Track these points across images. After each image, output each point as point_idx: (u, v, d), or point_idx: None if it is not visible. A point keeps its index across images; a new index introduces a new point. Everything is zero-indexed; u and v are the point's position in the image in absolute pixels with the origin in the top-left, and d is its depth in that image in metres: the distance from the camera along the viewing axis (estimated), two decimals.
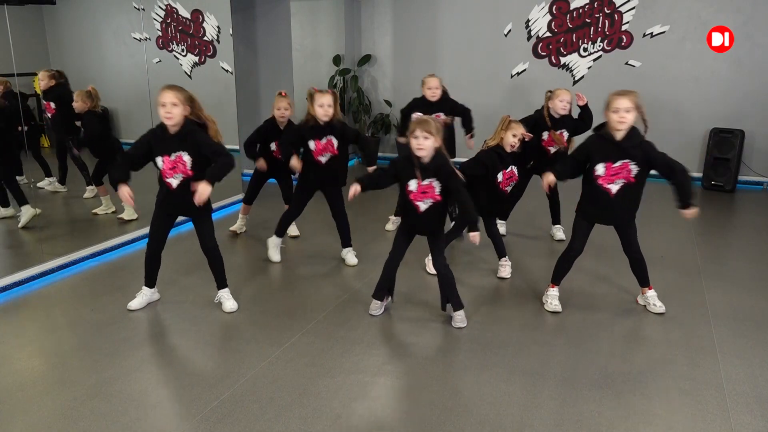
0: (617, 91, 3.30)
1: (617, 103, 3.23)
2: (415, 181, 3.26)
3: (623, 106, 3.22)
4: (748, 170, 6.76)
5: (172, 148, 3.32)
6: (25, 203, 4.84)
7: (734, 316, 3.57)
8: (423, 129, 3.15)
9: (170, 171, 3.35)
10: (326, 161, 4.16)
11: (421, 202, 3.29)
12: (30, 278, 4.13)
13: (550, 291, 3.70)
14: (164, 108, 3.23)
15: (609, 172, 3.33)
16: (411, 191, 3.29)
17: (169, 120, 3.25)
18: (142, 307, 3.70)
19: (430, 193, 3.26)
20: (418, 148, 3.17)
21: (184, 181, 3.37)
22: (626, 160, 3.29)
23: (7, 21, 4.15)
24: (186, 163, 3.34)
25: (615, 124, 3.26)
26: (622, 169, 3.30)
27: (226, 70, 6.32)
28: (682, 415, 2.62)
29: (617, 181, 3.33)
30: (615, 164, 3.31)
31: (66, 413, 2.65)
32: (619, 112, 3.23)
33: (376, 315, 3.58)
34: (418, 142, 3.16)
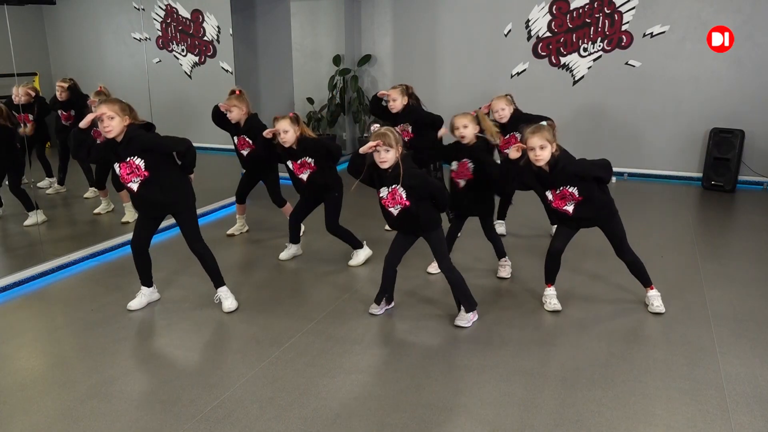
0: (530, 128, 3.30)
1: (530, 142, 3.26)
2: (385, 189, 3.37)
3: (535, 144, 3.25)
4: (748, 170, 6.75)
5: (122, 156, 3.36)
6: (33, 209, 4.85)
7: (734, 316, 3.57)
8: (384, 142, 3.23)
9: (128, 176, 3.40)
10: (306, 178, 4.21)
11: (392, 207, 3.37)
12: (30, 278, 4.13)
13: (547, 291, 3.70)
14: (102, 123, 3.26)
15: (556, 198, 3.42)
16: (382, 197, 3.40)
17: (108, 133, 3.28)
18: (142, 307, 3.70)
19: (398, 199, 3.33)
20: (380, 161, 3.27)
21: (143, 182, 3.40)
22: (564, 186, 3.36)
23: (7, 21, 4.15)
24: (140, 166, 3.37)
25: (532, 161, 3.31)
26: (565, 193, 3.37)
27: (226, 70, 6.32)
28: (682, 415, 2.62)
29: (568, 203, 3.40)
30: (557, 191, 3.39)
31: (66, 413, 2.65)
32: (534, 150, 3.27)
33: (376, 314, 3.59)
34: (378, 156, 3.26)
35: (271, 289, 4.06)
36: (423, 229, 3.42)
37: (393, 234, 5.10)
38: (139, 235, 3.60)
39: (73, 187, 5.61)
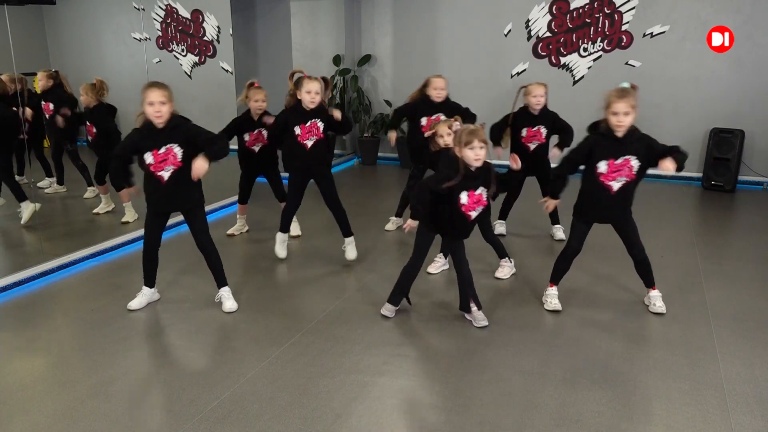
0: (616, 92, 3.28)
1: (616, 107, 3.22)
2: (467, 193, 3.19)
3: (622, 110, 3.22)
4: (748, 170, 6.75)
5: (160, 142, 3.34)
6: (24, 199, 4.82)
7: (734, 316, 3.57)
8: (480, 138, 3.08)
9: (160, 164, 3.37)
10: (311, 145, 4.13)
11: (473, 211, 3.26)
12: (30, 278, 4.13)
13: (549, 290, 3.70)
14: (152, 107, 3.26)
15: (611, 170, 3.33)
16: (463, 204, 3.21)
17: (158, 118, 3.28)
18: (142, 307, 3.70)
19: (480, 202, 3.25)
20: (476, 158, 3.10)
21: (175, 172, 3.39)
22: (628, 156, 3.30)
23: (7, 21, 4.15)
24: (177, 154, 3.37)
25: (613, 126, 3.26)
26: (624, 166, 3.31)
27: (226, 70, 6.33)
28: (682, 415, 2.62)
29: (619, 179, 3.34)
30: (617, 161, 3.31)
31: (66, 413, 2.65)
32: (618, 115, 3.23)
33: (389, 317, 3.57)
34: (475, 152, 3.09)
35: (271, 289, 4.06)
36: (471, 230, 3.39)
37: (391, 235, 5.13)
38: (154, 235, 3.59)
39: (73, 186, 5.61)
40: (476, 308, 3.45)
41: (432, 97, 4.76)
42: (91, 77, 5.00)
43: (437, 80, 4.76)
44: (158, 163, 3.36)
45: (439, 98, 4.76)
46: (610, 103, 3.25)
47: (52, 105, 5.03)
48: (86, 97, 4.89)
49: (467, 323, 3.48)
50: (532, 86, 4.58)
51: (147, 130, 3.34)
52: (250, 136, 4.67)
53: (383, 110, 8.24)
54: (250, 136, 4.67)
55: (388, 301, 3.58)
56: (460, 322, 3.51)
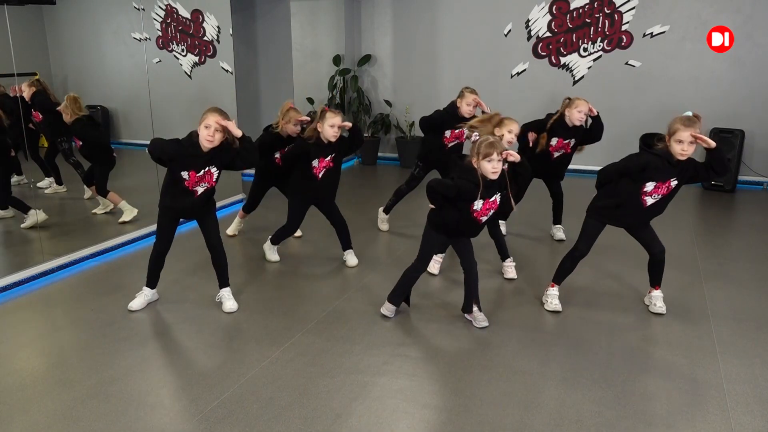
0: (683, 120, 3.17)
1: (682, 135, 3.13)
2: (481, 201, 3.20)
3: (688, 140, 3.13)
4: (748, 170, 6.76)
5: (202, 165, 3.39)
6: (29, 210, 4.84)
7: (734, 316, 3.57)
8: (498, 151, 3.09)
9: (196, 183, 3.43)
10: (322, 175, 4.13)
11: (485, 216, 3.28)
12: (30, 278, 4.13)
13: (550, 290, 3.69)
14: (207, 130, 3.28)
15: (655, 191, 3.32)
16: (476, 210, 3.22)
17: (209, 144, 3.31)
18: (143, 307, 3.70)
19: (492, 207, 3.27)
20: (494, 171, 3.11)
21: (207, 189, 3.49)
22: (673, 178, 3.28)
23: (7, 21, 4.15)
24: (213, 175, 3.46)
25: (676, 154, 3.19)
26: (665, 186, 3.30)
27: (226, 70, 6.32)
28: (682, 415, 2.62)
29: (655, 196, 3.33)
30: (664, 183, 3.29)
31: (66, 413, 2.65)
32: (683, 144, 3.15)
33: (389, 317, 3.57)
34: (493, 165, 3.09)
35: (271, 289, 4.06)
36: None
37: (388, 235, 5.13)
38: (167, 240, 3.62)
39: (73, 186, 5.60)
40: (477, 309, 3.46)
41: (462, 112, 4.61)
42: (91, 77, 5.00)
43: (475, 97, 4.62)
44: (194, 182, 3.42)
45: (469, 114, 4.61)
46: (676, 131, 3.16)
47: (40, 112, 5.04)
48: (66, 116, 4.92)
49: (467, 323, 3.49)
50: (579, 100, 4.43)
51: (192, 148, 3.35)
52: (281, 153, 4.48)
53: (383, 110, 8.24)
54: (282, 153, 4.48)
55: (389, 300, 3.58)
56: (460, 322, 3.51)
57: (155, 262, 3.67)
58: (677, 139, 3.16)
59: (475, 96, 4.62)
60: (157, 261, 3.67)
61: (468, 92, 4.64)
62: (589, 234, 3.51)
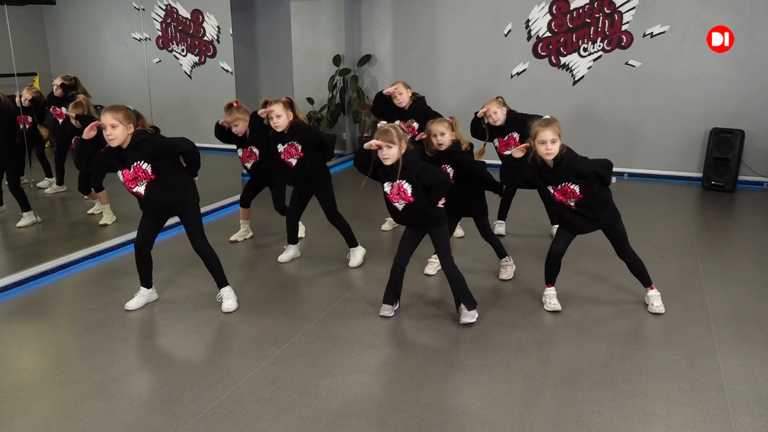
0: (540, 122, 3.33)
1: (543, 135, 3.28)
2: (389, 185, 3.38)
3: (549, 138, 3.27)
4: (748, 170, 6.75)
5: (128, 162, 3.35)
6: (28, 210, 4.85)
7: (734, 316, 3.57)
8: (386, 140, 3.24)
9: (133, 182, 3.39)
10: (295, 163, 4.18)
11: (397, 203, 3.38)
12: (30, 278, 4.13)
13: (547, 291, 3.70)
14: (105, 131, 3.25)
15: (558, 194, 3.43)
16: (386, 192, 3.41)
17: (112, 142, 3.27)
18: (140, 307, 3.70)
19: (402, 194, 3.33)
20: (384, 158, 3.28)
21: (149, 184, 3.41)
22: (565, 183, 3.37)
23: (7, 21, 4.15)
24: (146, 170, 3.38)
25: (543, 155, 3.33)
26: (567, 190, 3.38)
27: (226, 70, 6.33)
28: (682, 415, 2.62)
29: (570, 200, 3.41)
30: (558, 187, 3.40)
31: (66, 413, 2.65)
32: (546, 143, 3.29)
33: (388, 316, 3.57)
34: (382, 152, 3.27)
35: (271, 289, 4.06)
36: (429, 224, 3.41)
37: (389, 234, 5.13)
38: (144, 237, 3.60)
39: (73, 187, 5.60)
40: (467, 310, 3.45)
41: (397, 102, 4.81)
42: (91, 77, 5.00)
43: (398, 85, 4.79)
44: (130, 180, 3.39)
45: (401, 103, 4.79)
46: (536, 133, 3.32)
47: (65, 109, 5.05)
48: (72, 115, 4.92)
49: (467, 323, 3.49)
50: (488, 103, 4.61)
51: (116, 150, 3.33)
52: (244, 152, 4.62)
53: None
54: (244, 153, 4.62)
55: (383, 300, 3.60)
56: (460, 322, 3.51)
57: (138, 261, 3.67)
58: (540, 140, 3.30)
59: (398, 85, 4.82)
60: (139, 259, 3.66)
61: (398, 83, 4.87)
62: (560, 234, 3.59)
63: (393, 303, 3.58)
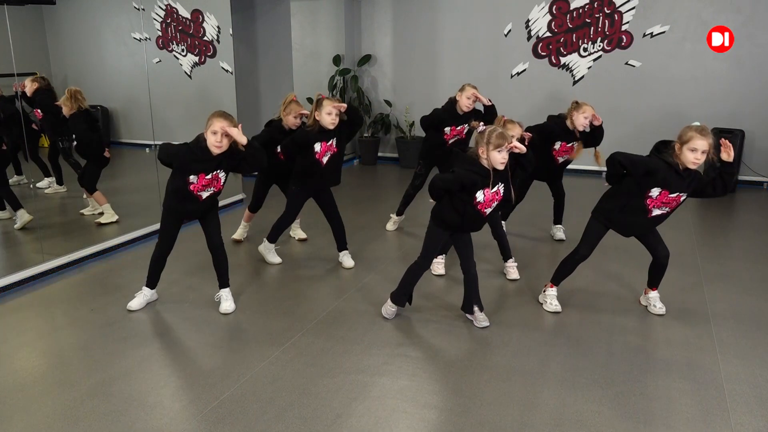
0: (697, 128, 3.14)
1: (697, 143, 3.10)
2: (482, 192, 3.19)
3: (702, 148, 3.10)
4: (748, 170, 6.76)
5: (210, 168, 3.39)
6: (20, 208, 4.83)
7: (734, 316, 3.57)
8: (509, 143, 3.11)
9: (203, 187, 3.43)
10: (327, 160, 4.15)
11: (489, 208, 3.28)
12: (30, 278, 4.13)
13: (548, 291, 3.69)
14: (215, 136, 3.27)
15: (661, 199, 3.26)
16: (479, 202, 3.21)
17: (218, 150, 3.31)
18: (142, 307, 3.70)
19: (495, 198, 3.27)
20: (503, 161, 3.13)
21: (213, 193, 3.50)
22: (681, 192, 3.24)
23: (7, 21, 4.15)
24: (221, 179, 3.46)
25: (688, 163, 3.15)
26: (674, 200, 3.25)
27: (226, 70, 6.32)
28: (682, 415, 2.62)
29: (663, 208, 3.28)
30: (671, 194, 3.24)
31: (66, 413, 2.65)
32: (697, 152, 3.11)
33: (388, 318, 3.57)
34: (503, 155, 3.12)
35: (271, 289, 4.06)
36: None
37: (391, 235, 5.13)
38: (169, 240, 3.61)
39: (73, 186, 5.60)
40: (478, 309, 3.45)
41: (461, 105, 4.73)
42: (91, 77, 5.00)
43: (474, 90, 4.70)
44: (202, 186, 3.42)
45: (468, 108, 4.71)
46: (690, 139, 3.12)
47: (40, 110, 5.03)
48: (65, 108, 4.90)
49: (467, 323, 3.49)
50: (586, 105, 4.45)
51: (200, 152, 3.34)
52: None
53: (383, 110, 8.24)
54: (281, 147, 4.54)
55: (391, 299, 3.55)
56: (460, 322, 3.51)
57: (157, 263, 3.66)
58: (691, 147, 3.11)
59: (474, 90, 4.69)
60: (158, 261, 3.66)
61: (469, 87, 4.74)
62: (592, 237, 3.49)
63: (404, 305, 3.57)
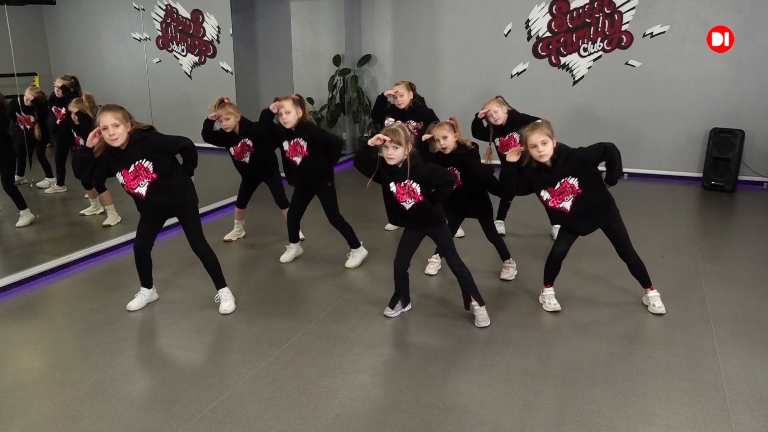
0: (527, 127, 3.32)
1: (531, 140, 3.27)
2: (394, 184, 3.33)
3: (539, 140, 3.26)
4: (748, 170, 6.75)
5: (128, 161, 3.33)
6: (24, 207, 4.84)
7: (734, 316, 3.57)
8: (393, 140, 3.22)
9: (134, 182, 3.37)
10: (300, 162, 4.17)
11: (404, 202, 3.34)
12: (30, 278, 4.13)
13: (545, 291, 3.70)
14: (107, 131, 3.22)
15: (554, 195, 3.41)
16: (392, 192, 3.35)
17: (114, 142, 3.25)
18: (141, 307, 3.70)
19: (411, 195, 3.30)
20: (388, 158, 3.25)
21: (151, 184, 3.39)
22: (564, 179, 3.35)
23: (7, 21, 4.15)
24: (148, 168, 3.36)
25: (536, 158, 3.32)
26: (566, 186, 3.37)
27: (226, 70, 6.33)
28: (682, 415, 2.62)
29: (567, 199, 3.39)
30: (555, 187, 3.38)
31: (66, 413, 2.65)
32: (537, 147, 3.28)
33: (390, 317, 3.57)
34: (388, 152, 3.24)
35: (271, 289, 4.06)
36: (432, 223, 3.38)
37: (392, 235, 5.13)
38: (143, 238, 3.59)
39: (73, 186, 5.60)
40: (478, 306, 3.45)
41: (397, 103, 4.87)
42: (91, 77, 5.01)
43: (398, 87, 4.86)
44: (131, 181, 3.37)
45: (401, 105, 4.83)
46: (526, 139, 3.31)
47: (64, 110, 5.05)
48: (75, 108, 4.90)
49: (467, 323, 3.49)
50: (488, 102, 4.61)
51: (114, 150, 3.30)
52: (235, 150, 4.61)
53: None
54: (235, 150, 4.61)
55: (389, 304, 3.61)
56: (460, 322, 3.51)
57: (137, 261, 3.66)
58: (531, 144, 3.29)
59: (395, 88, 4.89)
60: (139, 260, 3.65)
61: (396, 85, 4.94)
62: (561, 236, 3.58)
63: (395, 306, 3.58)
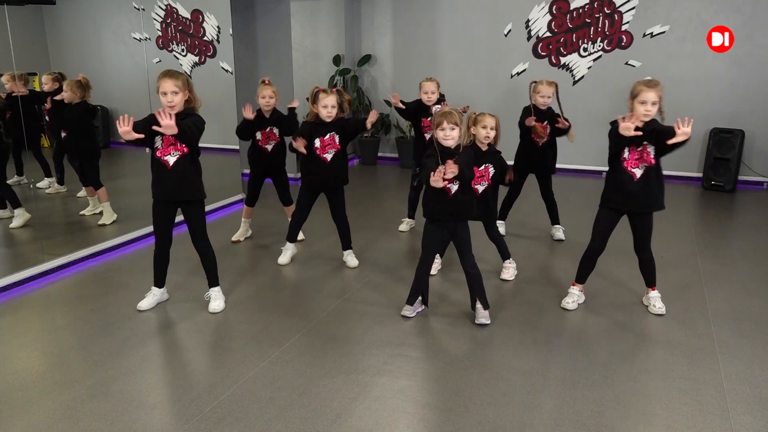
0: (645, 81, 3.28)
1: (645, 96, 3.23)
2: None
3: (651, 99, 3.23)
4: (748, 170, 6.76)
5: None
6: (19, 206, 4.82)
7: (734, 316, 3.57)
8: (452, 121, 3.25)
9: (169, 148, 3.38)
10: (331, 158, 4.16)
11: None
12: (30, 278, 4.13)
13: (571, 289, 3.71)
14: (165, 97, 3.27)
15: (632, 156, 3.37)
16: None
17: (171, 109, 3.27)
18: (152, 307, 3.70)
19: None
20: (444, 138, 3.27)
21: (180, 158, 3.40)
22: (645, 143, 3.33)
23: (7, 21, 4.15)
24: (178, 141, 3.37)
25: (640, 116, 3.27)
26: (644, 153, 3.35)
27: (226, 70, 6.33)
28: (682, 415, 2.62)
29: (641, 165, 3.36)
30: (639, 148, 3.35)
31: (66, 413, 2.65)
32: (647, 104, 3.24)
33: (409, 316, 3.56)
34: (445, 133, 3.26)
35: (271, 289, 4.06)
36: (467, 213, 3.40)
37: (407, 236, 5.13)
38: (162, 234, 3.56)
39: (73, 186, 5.60)
40: (481, 307, 3.46)
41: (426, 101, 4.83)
42: (91, 77, 4.99)
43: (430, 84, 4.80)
44: (167, 146, 3.37)
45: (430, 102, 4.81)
46: (638, 92, 3.26)
47: None
48: (70, 93, 4.83)
49: (467, 323, 3.49)
50: (540, 85, 4.61)
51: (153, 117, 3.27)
52: (262, 134, 4.66)
53: (383, 110, 8.23)
54: (262, 135, 4.66)
55: (406, 301, 3.59)
56: (460, 322, 3.51)
57: (157, 260, 3.65)
58: (641, 100, 3.25)
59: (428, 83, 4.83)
60: (159, 258, 3.64)
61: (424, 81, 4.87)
62: (598, 226, 3.54)
63: (413, 303, 3.57)
